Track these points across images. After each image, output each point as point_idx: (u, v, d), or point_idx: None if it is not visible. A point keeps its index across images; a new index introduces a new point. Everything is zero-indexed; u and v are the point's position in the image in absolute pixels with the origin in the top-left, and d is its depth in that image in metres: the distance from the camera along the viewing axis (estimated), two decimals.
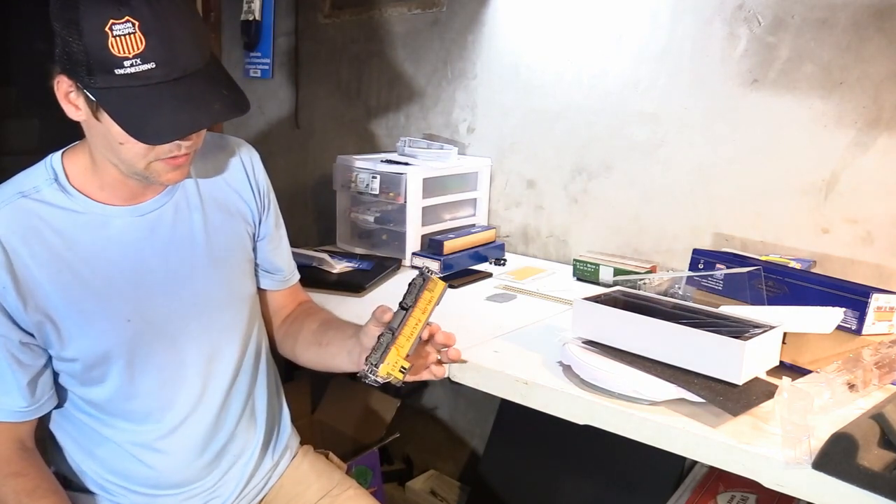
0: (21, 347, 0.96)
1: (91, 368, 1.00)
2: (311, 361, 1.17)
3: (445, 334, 1.01)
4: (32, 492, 0.96)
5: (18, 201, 0.96)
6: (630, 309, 1.07)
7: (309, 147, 2.39)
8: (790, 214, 1.46)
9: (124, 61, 0.83)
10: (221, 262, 1.09)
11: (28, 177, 0.99)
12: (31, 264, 0.95)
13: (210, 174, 1.10)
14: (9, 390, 0.97)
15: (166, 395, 1.04)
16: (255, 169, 1.15)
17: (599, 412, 0.99)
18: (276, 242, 1.20)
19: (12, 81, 3.61)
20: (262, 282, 1.20)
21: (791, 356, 1.07)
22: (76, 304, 0.97)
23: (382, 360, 0.93)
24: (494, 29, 1.87)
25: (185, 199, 1.07)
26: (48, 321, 0.96)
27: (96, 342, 0.99)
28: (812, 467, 0.83)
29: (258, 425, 1.17)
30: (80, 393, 1.03)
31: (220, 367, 1.09)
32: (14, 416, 0.99)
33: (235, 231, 1.12)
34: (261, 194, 1.16)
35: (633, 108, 1.65)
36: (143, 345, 1.01)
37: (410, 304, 0.96)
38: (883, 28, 1.32)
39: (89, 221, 0.98)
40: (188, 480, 1.09)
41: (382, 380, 0.94)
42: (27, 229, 0.95)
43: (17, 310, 0.94)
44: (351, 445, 1.95)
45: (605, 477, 1.65)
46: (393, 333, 0.95)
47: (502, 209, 1.93)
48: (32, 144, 3.46)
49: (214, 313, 1.07)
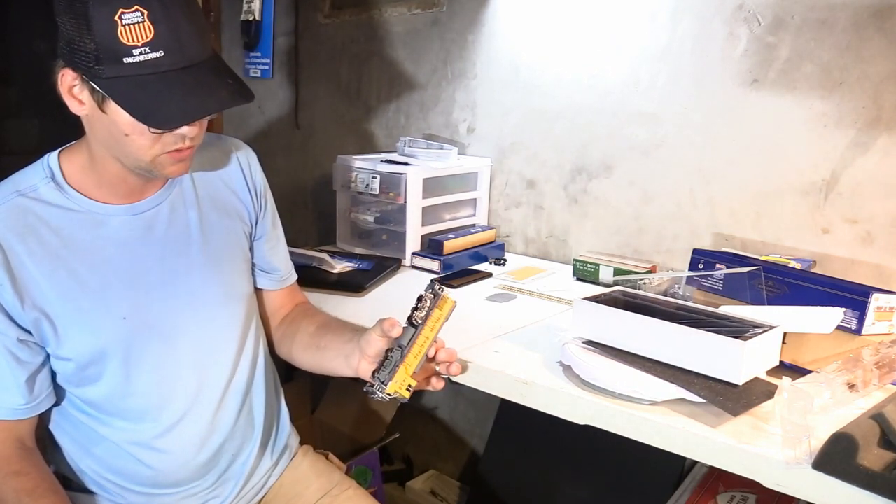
0: (19, 345, 0.97)
1: (87, 366, 1.00)
2: (308, 364, 1.17)
3: (448, 351, 1.01)
4: (32, 491, 0.96)
5: (15, 200, 0.97)
6: (630, 309, 1.07)
7: (309, 147, 2.39)
8: (790, 214, 1.46)
9: (133, 50, 0.85)
10: (217, 261, 1.09)
11: (25, 176, 1.00)
12: (27, 262, 0.95)
13: (206, 171, 1.11)
14: (7, 387, 0.97)
15: (162, 392, 1.05)
16: (253, 168, 1.16)
17: (599, 412, 0.99)
18: (274, 242, 1.20)
19: (12, 81, 3.61)
20: (260, 281, 1.20)
21: (791, 356, 1.07)
22: (72, 302, 0.97)
23: (391, 378, 0.94)
24: (494, 29, 1.87)
25: (181, 197, 1.07)
26: (45, 318, 0.96)
27: (92, 339, 0.99)
28: (812, 467, 0.83)
29: (256, 424, 1.17)
30: (78, 392, 1.03)
31: (216, 365, 1.09)
32: (13, 414, 0.99)
33: (232, 230, 1.12)
34: (258, 194, 1.16)
35: (633, 108, 1.65)
36: (138, 342, 1.01)
37: (421, 321, 0.95)
38: (883, 28, 1.32)
39: (86, 219, 0.99)
40: (186, 479, 1.09)
41: (389, 397, 0.95)
42: (24, 227, 0.95)
43: (14, 307, 0.95)
44: (351, 445, 1.95)
45: (605, 477, 1.65)
46: (402, 351, 0.95)
47: (502, 209, 1.93)
48: (32, 144, 3.46)
49: (210, 311, 1.08)
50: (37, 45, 3.42)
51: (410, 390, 0.95)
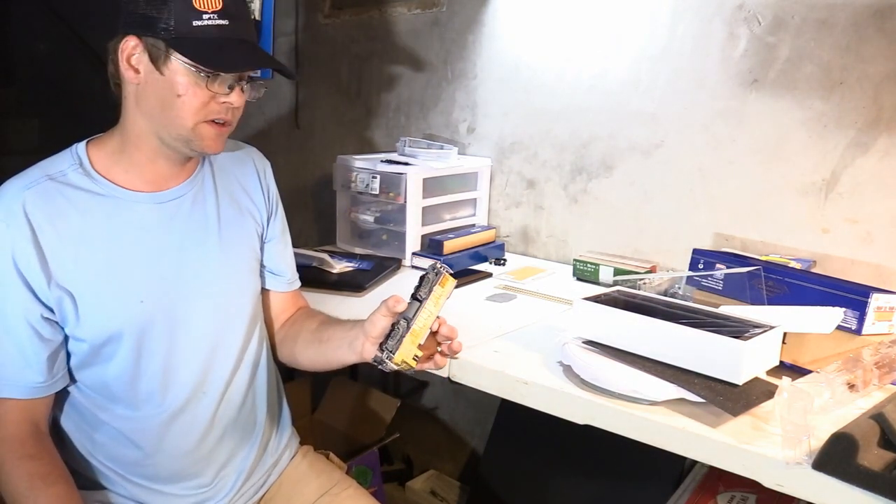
0: (43, 322, 1.00)
1: (102, 346, 1.03)
2: (310, 359, 1.18)
3: (450, 327, 1.04)
4: (46, 476, 0.98)
5: (45, 183, 1.01)
6: (630, 309, 1.07)
7: (309, 147, 2.39)
8: (790, 214, 1.46)
9: (203, 14, 0.96)
10: (231, 255, 1.13)
11: (54, 162, 1.04)
12: (54, 242, 0.99)
13: (226, 171, 1.16)
14: (30, 364, 1.00)
15: (168, 378, 1.06)
16: (267, 175, 1.22)
17: (599, 412, 0.99)
18: (282, 247, 1.24)
19: (12, 81, 3.61)
20: (269, 282, 1.23)
21: (791, 356, 1.07)
22: (94, 283, 1.00)
23: (398, 347, 0.97)
24: (494, 29, 1.87)
25: (202, 191, 1.12)
26: (67, 297, 0.99)
27: (110, 320, 1.02)
28: (812, 467, 0.83)
29: (258, 422, 1.18)
30: (86, 374, 1.05)
31: (221, 357, 1.11)
32: (33, 392, 1.01)
33: (245, 226, 1.16)
34: (270, 199, 1.21)
35: (633, 108, 1.65)
36: (152, 327, 1.04)
37: (425, 296, 0.98)
38: (883, 28, 1.32)
39: (111, 204, 1.03)
40: (185, 471, 1.10)
41: (396, 366, 0.97)
42: (53, 209, 1.00)
43: (40, 285, 0.98)
44: (351, 445, 1.95)
45: (605, 477, 1.65)
46: (408, 322, 0.97)
47: (502, 209, 1.93)
48: (32, 144, 3.46)
49: (221, 301, 1.11)
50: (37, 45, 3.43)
51: (417, 360, 0.98)
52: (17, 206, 0.98)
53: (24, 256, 0.97)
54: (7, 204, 0.98)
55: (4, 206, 0.98)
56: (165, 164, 1.06)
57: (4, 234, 0.97)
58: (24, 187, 0.99)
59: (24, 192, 0.99)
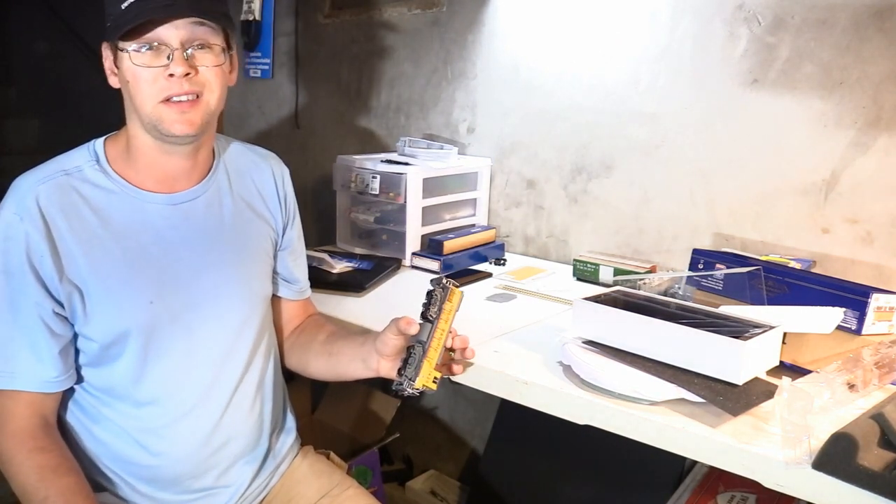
0: (54, 317, 1.00)
1: (109, 346, 1.02)
2: (321, 370, 1.19)
3: (462, 338, 1.06)
4: (56, 468, 0.98)
5: (61, 178, 1.01)
6: (630, 309, 1.07)
7: (309, 147, 2.39)
8: (790, 214, 1.46)
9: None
10: (244, 259, 1.12)
11: (70, 158, 1.04)
12: (68, 237, 0.99)
13: (243, 176, 1.16)
14: (42, 359, 0.99)
15: (175, 382, 1.06)
16: (285, 181, 1.22)
17: (599, 412, 0.99)
18: (297, 255, 1.25)
19: (12, 81, 3.61)
20: (281, 290, 1.23)
21: (791, 356, 1.07)
22: (104, 281, 1.00)
23: (418, 374, 0.98)
24: (494, 29, 1.87)
25: (217, 194, 1.11)
26: (77, 293, 0.99)
27: (118, 319, 1.01)
28: (812, 467, 0.83)
29: (264, 428, 1.18)
30: (93, 373, 1.05)
31: (230, 362, 1.10)
32: (45, 387, 1.00)
33: (260, 232, 1.16)
34: (287, 206, 1.21)
35: (633, 108, 1.65)
36: (160, 328, 1.04)
37: (435, 316, 0.99)
38: (883, 28, 1.32)
39: (126, 203, 1.03)
40: (188, 474, 1.09)
41: (418, 392, 0.99)
42: (67, 204, 1.00)
43: (52, 279, 0.98)
44: (351, 445, 1.95)
45: (605, 477, 1.65)
46: (423, 346, 0.98)
47: (502, 209, 1.93)
48: (32, 144, 3.46)
49: (231, 306, 1.10)
50: (37, 45, 3.43)
51: (437, 382, 1.00)
52: (31, 199, 0.98)
53: (37, 250, 0.97)
54: (21, 197, 0.98)
55: (19, 199, 0.98)
56: (169, 162, 1.04)
57: (18, 228, 0.97)
58: (39, 181, 0.99)
59: (38, 186, 0.99)
